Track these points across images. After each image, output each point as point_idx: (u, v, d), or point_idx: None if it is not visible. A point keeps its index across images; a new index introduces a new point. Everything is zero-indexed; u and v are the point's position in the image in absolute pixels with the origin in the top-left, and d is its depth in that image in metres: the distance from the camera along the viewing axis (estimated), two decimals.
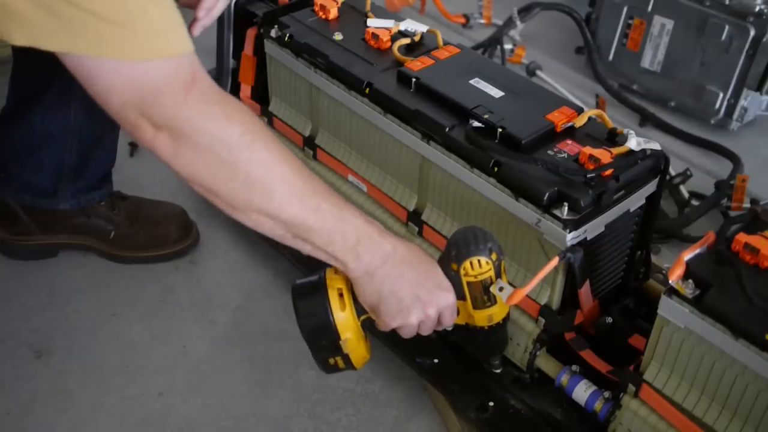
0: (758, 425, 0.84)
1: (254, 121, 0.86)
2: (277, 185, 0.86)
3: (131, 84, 0.80)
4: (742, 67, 1.63)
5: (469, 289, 0.91)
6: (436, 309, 0.92)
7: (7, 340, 1.23)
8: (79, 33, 0.76)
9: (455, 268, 0.90)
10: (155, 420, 1.13)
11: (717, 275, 0.84)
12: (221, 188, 0.85)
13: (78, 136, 1.26)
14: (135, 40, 0.78)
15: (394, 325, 0.93)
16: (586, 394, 0.99)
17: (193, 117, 0.82)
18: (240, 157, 0.84)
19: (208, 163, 0.83)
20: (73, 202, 1.32)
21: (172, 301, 1.31)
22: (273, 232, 0.89)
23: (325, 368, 0.93)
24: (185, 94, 0.82)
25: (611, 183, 0.95)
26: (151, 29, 0.79)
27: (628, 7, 1.78)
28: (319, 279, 0.91)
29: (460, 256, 0.89)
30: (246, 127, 0.84)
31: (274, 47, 1.29)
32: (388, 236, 0.92)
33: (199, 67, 0.84)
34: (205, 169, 0.84)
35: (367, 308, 0.93)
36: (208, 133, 0.83)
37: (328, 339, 0.90)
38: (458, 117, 1.05)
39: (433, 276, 0.93)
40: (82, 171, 1.30)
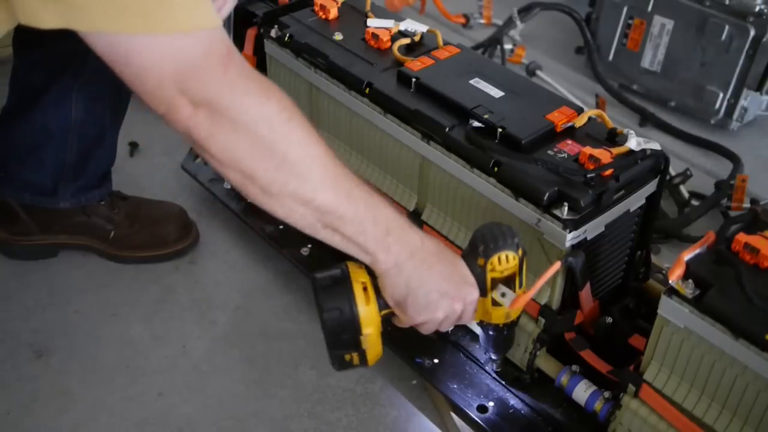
0: (758, 425, 0.84)
1: (289, 99, 0.83)
2: (313, 167, 0.83)
3: (169, 59, 0.77)
4: (742, 67, 1.63)
5: (492, 284, 0.90)
6: (462, 304, 0.90)
7: (7, 340, 1.23)
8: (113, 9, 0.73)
9: (482, 263, 0.88)
10: (155, 420, 1.13)
11: (717, 275, 0.84)
12: (258, 169, 0.82)
13: (78, 134, 1.26)
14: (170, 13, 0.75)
15: (420, 320, 0.91)
16: (586, 394, 0.99)
17: (234, 91, 0.80)
18: (279, 135, 0.81)
19: (246, 141, 0.81)
20: (74, 201, 1.32)
21: (172, 301, 1.31)
22: (304, 221, 0.85)
23: (339, 364, 0.91)
24: (224, 68, 0.80)
25: (611, 183, 0.95)
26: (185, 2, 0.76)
27: (628, 7, 1.77)
28: (342, 272, 0.89)
29: (488, 251, 0.88)
30: (283, 103, 0.82)
31: (274, 47, 1.29)
32: (416, 228, 0.90)
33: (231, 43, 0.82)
34: (243, 149, 0.81)
35: (392, 303, 0.90)
36: (247, 109, 0.80)
37: (350, 334, 0.88)
38: (458, 117, 1.05)
39: (459, 270, 0.90)
40: (82, 169, 1.30)
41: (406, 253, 0.88)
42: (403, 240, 0.88)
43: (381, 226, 0.87)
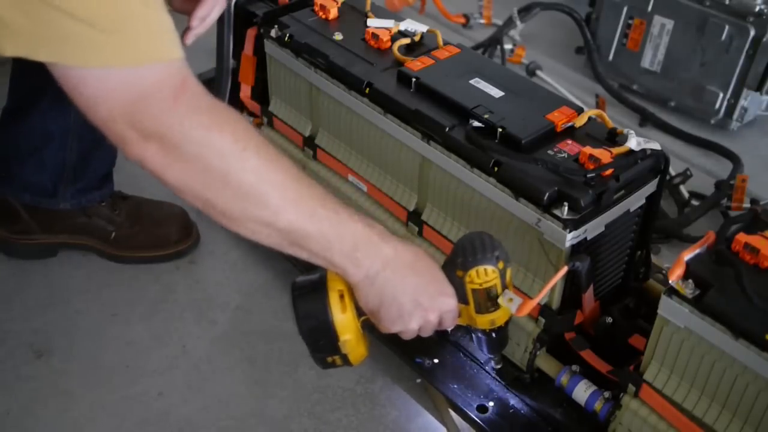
0: (758, 425, 0.84)
1: (246, 128, 0.84)
2: (270, 192, 0.84)
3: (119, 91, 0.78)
4: (742, 67, 1.63)
5: (473, 295, 0.90)
6: (437, 314, 0.91)
7: (7, 340, 1.23)
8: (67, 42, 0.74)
9: (460, 275, 0.89)
10: (155, 420, 1.13)
11: (717, 275, 0.84)
12: (215, 198, 0.83)
13: (78, 135, 1.26)
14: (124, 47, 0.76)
15: (394, 330, 0.92)
16: (586, 394, 0.99)
17: (183, 124, 0.80)
18: (232, 166, 0.82)
19: (199, 172, 0.81)
20: (73, 201, 1.32)
21: (172, 301, 1.31)
22: (269, 240, 0.87)
23: (322, 365, 0.93)
24: (175, 100, 0.80)
25: (611, 183, 0.95)
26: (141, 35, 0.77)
27: (628, 7, 1.77)
28: (320, 279, 0.90)
29: (467, 264, 0.88)
30: (238, 135, 0.82)
31: (274, 47, 1.29)
32: (390, 239, 0.91)
33: (188, 74, 0.81)
34: (197, 179, 0.82)
35: (368, 312, 0.92)
36: (198, 142, 0.80)
37: (327, 340, 0.90)
38: (458, 117, 1.05)
39: (436, 280, 0.91)
40: (83, 171, 1.30)
41: (378, 266, 0.88)
42: (373, 253, 0.88)
43: (347, 242, 0.87)
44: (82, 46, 0.74)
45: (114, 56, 0.76)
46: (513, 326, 1.05)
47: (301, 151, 1.33)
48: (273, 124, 1.37)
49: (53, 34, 0.73)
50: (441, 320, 0.92)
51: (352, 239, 0.88)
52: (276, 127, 1.37)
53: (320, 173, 1.29)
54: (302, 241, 0.87)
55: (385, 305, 0.90)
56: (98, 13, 0.73)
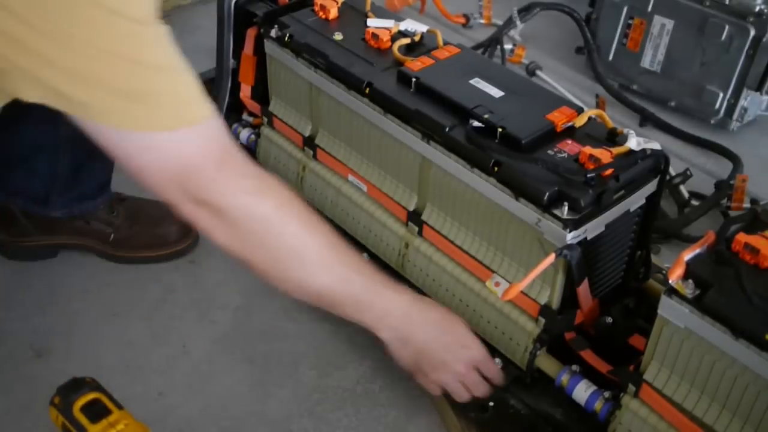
0: (758, 425, 0.84)
1: (287, 194, 0.90)
2: (308, 256, 0.90)
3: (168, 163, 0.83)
4: (742, 67, 1.63)
5: None
6: (464, 364, 0.98)
7: (7, 340, 1.23)
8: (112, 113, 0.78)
9: None
10: (155, 420, 1.12)
11: (717, 275, 0.84)
12: (256, 259, 0.89)
13: (70, 148, 1.24)
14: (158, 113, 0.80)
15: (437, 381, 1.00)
16: (586, 394, 0.99)
17: (226, 192, 0.86)
18: (273, 231, 0.88)
19: (243, 235, 0.87)
20: (65, 210, 1.31)
21: (172, 301, 1.31)
22: (306, 299, 0.94)
23: None
24: (219, 169, 0.85)
25: (611, 183, 0.95)
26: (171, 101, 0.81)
27: (628, 7, 1.77)
28: None
29: None
30: (279, 200, 0.88)
31: (274, 47, 1.29)
32: (417, 303, 0.98)
33: (228, 140, 0.87)
34: (241, 241, 0.88)
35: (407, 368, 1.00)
36: (241, 207, 0.86)
37: None
38: (458, 117, 1.05)
39: (460, 337, 0.99)
40: (75, 181, 1.29)
41: (407, 330, 0.96)
42: (402, 319, 0.96)
43: (379, 308, 0.95)
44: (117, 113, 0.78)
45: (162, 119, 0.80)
46: (513, 326, 1.06)
47: (301, 151, 1.33)
48: (273, 124, 1.37)
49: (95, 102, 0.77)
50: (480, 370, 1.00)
51: (384, 306, 0.95)
52: (276, 127, 1.37)
53: (320, 173, 1.29)
54: (336, 304, 0.94)
55: (420, 362, 0.98)
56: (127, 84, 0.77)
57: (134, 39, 0.76)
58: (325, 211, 1.31)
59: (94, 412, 0.86)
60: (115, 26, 0.75)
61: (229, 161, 0.86)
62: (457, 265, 1.11)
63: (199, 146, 0.84)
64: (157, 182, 0.84)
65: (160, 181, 0.84)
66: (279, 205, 0.88)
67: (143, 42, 0.77)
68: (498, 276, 1.00)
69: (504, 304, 1.06)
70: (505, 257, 1.05)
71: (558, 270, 0.98)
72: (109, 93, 0.77)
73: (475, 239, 1.08)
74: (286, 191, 0.90)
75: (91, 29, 0.74)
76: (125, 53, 0.76)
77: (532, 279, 0.92)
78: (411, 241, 1.17)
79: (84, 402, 0.87)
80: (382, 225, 1.20)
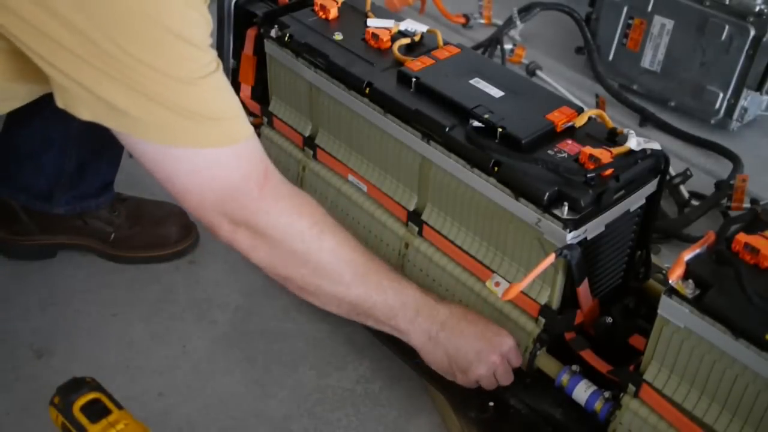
0: (758, 425, 0.84)
1: (321, 211, 0.95)
2: (344, 269, 0.94)
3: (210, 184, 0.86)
4: (742, 67, 1.63)
5: None
6: (499, 355, 1.00)
7: (7, 340, 1.23)
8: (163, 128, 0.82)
9: None
10: (155, 420, 1.13)
11: (717, 275, 0.84)
12: (294, 275, 0.94)
13: (78, 144, 1.25)
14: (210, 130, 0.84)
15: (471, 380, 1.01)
16: (586, 394, 0.99)
17: (269, 213, 0.90)
18: (311, 247, 0.92)
19: (283, 253, 0.92)
20: (68, 207, 1.32)
21: (172, 301, 1.31)
22: (339, 310, 0.99)
23: None
24: (260, 190, 0.89)
25: (611, 183, 0.95)
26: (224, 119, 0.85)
27: (628, 7, 1.77)
28: None
29: None
30: (315, 218, 0.93)
31: (274, 47, 1.29)
32: (443, 301, 1.02)
33: (269, 163, 0.91)
34: (281, 259, 0.93)
35: (440, 371, 1.02)
36: (282, 227, 0.91)
37: None
38: (458, 117, 1.05)
39: (489, 326, 1.02)
40: (80, 179, 1.29)
41: (437, 327, 0.99)
42: (432, 316, 0.99)
43: (410, 308, 0.98)
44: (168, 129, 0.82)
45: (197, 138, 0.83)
46: (513, 326, 1.06)
47: (301, 151, 1.33)
48: (273, 124, 1.37)
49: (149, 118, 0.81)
50: (508, 360, 1.01)
51: (414, 306, 0.98)
52: (276, 127, 1.37)
53: (320, 173, 1.29)
54: (370, 311, 0.97)
55: (453, 360, 1.00)
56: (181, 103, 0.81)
57: (192, 62, 0.81)
58: None
59: (94, 412, 0.86)
60: (176, 49, 0.79)
61: (270, 182, 0.90)
62: (457, 265, 1.11)
63: (241, 166, 0.87)
64: (199, 202, 0.87)
65: (203, 201, 0.87)
66: (314, 223, 0.92)
67: (200, 65, 0.82)
68: (498, 276, 1.00)
69: (504, 304, 1.06)
70: (505, 257, 1.05)
71: (558, 270, 0.98)
72: (163, 110, 0.80)
73: (475, 239, 1.08)
74: (319, 208, 0.95)
75: (155, 50, 0.78)
76: (183, 75, 0.80)
77: (532, 279, 0.92)
78: (411, 241, 1.17)
79: (84, 402, 0.87)
80: (382, 225, 1.20)
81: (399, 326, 0.99)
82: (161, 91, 0.79)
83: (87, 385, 0.89)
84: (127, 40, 0.76)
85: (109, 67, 0.77)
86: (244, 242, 0.91)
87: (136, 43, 0.77)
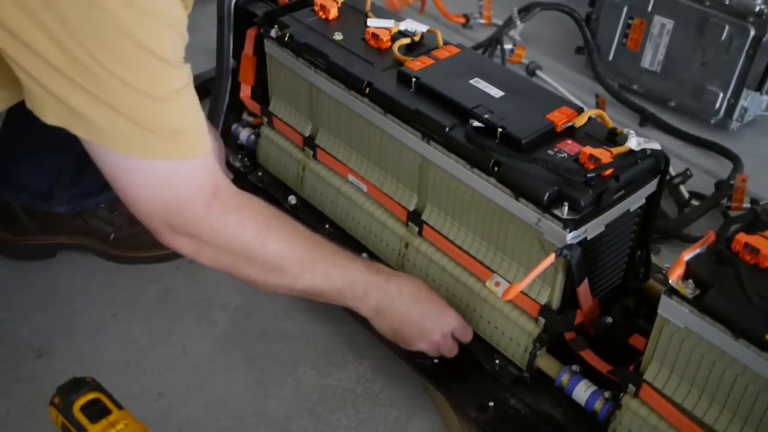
0: (758, 425, 0.84)
1: (266, 218, 0.97)
2: (289, 266, 0.97)
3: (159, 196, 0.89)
4: (742, 67, 1.63)
5: None
6: (441, 334, 1.04)
7: (7, 340, 1.23)
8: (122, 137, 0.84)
9: None
10: (155, 420, 1.13)
11: (717, 275, 0.84)
12: (241, 273, 0.98)
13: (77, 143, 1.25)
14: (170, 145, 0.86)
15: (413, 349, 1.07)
16: (586, 394, 0.99)
17: (213, 227, 0.92)
18: (256, 252, 0.95)
19: (227, 259, 0.96)
20: (68, 206, 1.32)
21: (172, 301, 1.31)
22: (290, 294, 1.04)
23: None
24: (207, 207, 0.92)
25: (611, 183, 0.95)
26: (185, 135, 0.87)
27: (628, 7, 1.77)
28: None
29: None
30: (259, 227, 0.95)
31: (274, 47, 1.29)
32: (395, 278, 1.05)
33: (220, 177, 0.94)
34: (226, 262, 0.96)
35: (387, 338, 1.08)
36: (226, 238, 0.93)
37: None
38: (458, 117, 1.05)
39: (435, 306, 1.06)
40: (80, 178, 1.29)
41: (385, 303, 1.04)
42: (380, 295, 1.03)
43: (359, 290, 1.02)
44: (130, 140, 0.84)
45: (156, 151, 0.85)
46: (513, 326, 1.06)
47: (301, 151, 1.33)
48: (273, 124, 1.37)
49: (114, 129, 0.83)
50: (456, 337, 1.07)
51: (362, 287, 1.02)
52: (276, 126, 1.37)
53: (320, 173, 1.29)
54: (320, 296, 1.02)
55: (398, 334, 1.06)
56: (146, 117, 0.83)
57: (163, 79, 0.83)
58: (325, 211, 1.31)
59: (94, 412, 0.86)
60: (148, 65, 0.81)
61: (218, 198, 0.92)
62: (457, 265, 1.11)
63: (192, 181, 0.90)
64: (147, 212, 0.90)
65: (151, 212, 0.90)
66: (258, 232, 0.95)
67: (167, 80, 0.83)
68: (498, 276, 1.00)
69: (504, 304, 1.06)
70: (505, 257, 1.05)
71: (558, 270, 0.98)
72: (127, 122, 0.82)
73: (475, 239, 1.08)
74: (265, 212, 0.97)
75: (123, 62, 0.79)
76: (152, 91, 0.82)
77: (532, 279, 0.92)
78: (411, 241, 1.17)
79: (84, 402, 0.87)
80: (382, 225, 1.20)
81: (349, 304, 1.04)
82: (129, 105, 0.81)
83: (87, 385, 0.89)
84: (101, 52, 0.77)
85: (78, 76, 0.78)
86: (187, 247, 0.94)
87: (109, 55, 0.78)
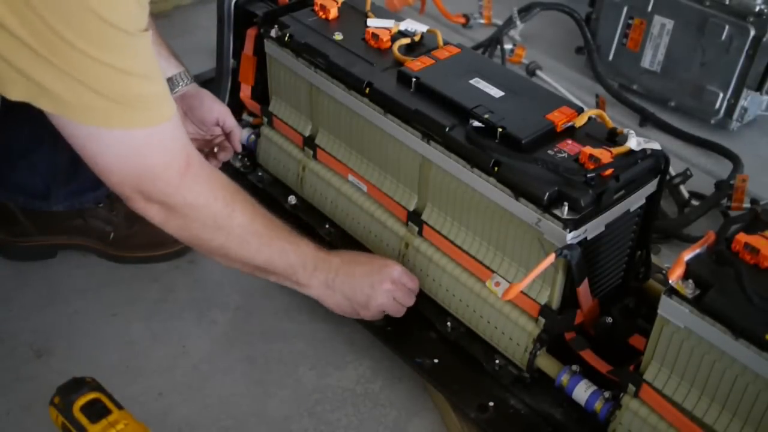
0: (758, 425, 0.84)
1: (234, 191, 1.01)
2: (251, 240, 1.03)
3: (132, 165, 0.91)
4: (742, 67, 1.63)
5: None
6: (390, 280, 1.09)
7: (7, 340, 1.23)
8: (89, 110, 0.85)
9: None
10: (155, 420, 1.13)
11: (717, 275, 0.84)
12: (206, 243, 1.02)
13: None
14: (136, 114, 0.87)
15: (374, 312, 1.10)
16: (586, 394, 0.99)
17: (185, 197, 0.96)
18: (223, 224, 1.00)
19: (195, 228, 0.99)
20: (67, 203, 1.32)
21: (172, 301, 1.31)
22: (245, 270, 1.08)
23: None
24: (180, 177, 0.94)
25: (611, 183, 0.95)
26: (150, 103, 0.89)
27: (628, 7, 1.77)
28: None
29: None
30: (227, 199, 1.00)
31: (274, 47, 1.29)
32: (333, 252, 1.12)
33: (191, 150, 0.97)
34: (193, 231, 1.00)
35: (344, 314, 1.12)
36: (197, 209, 0.98)
37: None
38: (458, 117, 1.05)
39: (374, 260, 1.12)
40: (75, 173, 1.29)
41: (332, 275, 1.09)
42: (326, 267, 1.09)
43: (309, 265, 1.08)
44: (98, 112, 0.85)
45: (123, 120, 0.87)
46: (513, 326, 1.06)
47: (301, 151, 1.33)
48: (273, 124, 1.37)
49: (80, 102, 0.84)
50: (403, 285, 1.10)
51: (312, 262, 1.08)
52: (276, 126, 1.37)
53: (320, 173, 1.29)
54: (274, 271, 1.08)
55: (352, 300, 1.09)
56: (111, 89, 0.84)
57: (122, 48, 0.84)
58: (325, 211, 1.31)
59: (94, 412, 0.86)
60: (106, 35, 0.81)
61: (191, 169, 0.95)
62: (457, 265, 1.11)
63: (164, 151, 0.92)
64: (118, 180, 0.92)
65: (122, 180, 0.92)
66: (227, 204, 0.99)
67: (129, 51, 0.85)
68: (498, 276, 1.00)
69: (504, 304, 1.06)
70: (505, 257, 1.05)
71: (558, 270, 0.98)
72: (93, 95, 0.83)
73: (475, 239, 1.08)
74: (232, 186, 1.02)
75: (84, 35, 0.80)
76: (112, 61, 0.83)
77: (532, 279, 0.92)
78: (411, 241, 1.17)
79: (84, 402, 0.87)
80: (382, 225, 1.20)
81: (300, 281, 1.08)
82: (92, 77, 0.82)
83: (87, 385, 0.89)
84: (61, 24, 0.78)
85: (41, 49, 0.79)
86: (156, 216, 0.97)
87: (70, 28, 0.79)
